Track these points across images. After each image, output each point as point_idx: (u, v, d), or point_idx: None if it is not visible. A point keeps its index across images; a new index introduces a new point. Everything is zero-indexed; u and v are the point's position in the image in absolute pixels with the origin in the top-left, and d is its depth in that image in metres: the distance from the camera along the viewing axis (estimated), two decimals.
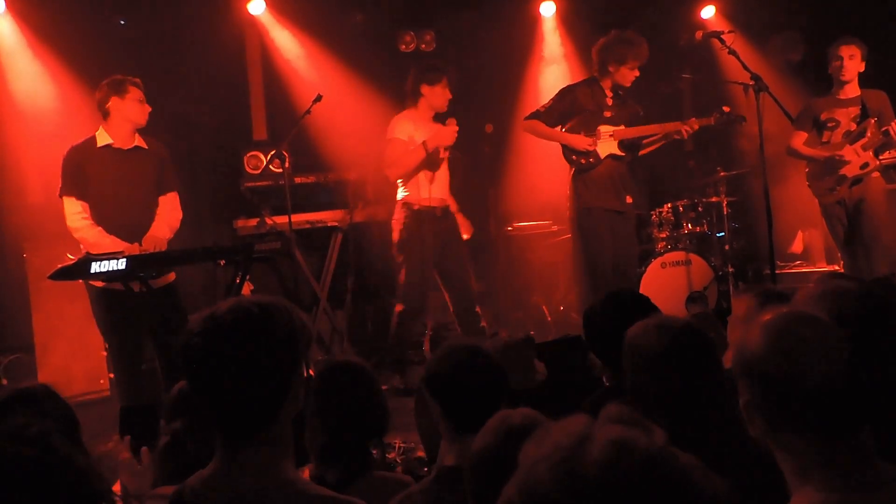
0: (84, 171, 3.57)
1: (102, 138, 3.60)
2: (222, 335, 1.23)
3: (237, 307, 1.26)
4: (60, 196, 3.60)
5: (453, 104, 4.54)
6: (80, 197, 3.56)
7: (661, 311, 2.19)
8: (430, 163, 4.32)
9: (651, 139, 4.50)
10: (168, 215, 3.70)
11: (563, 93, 4.47)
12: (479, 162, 5.95)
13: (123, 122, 3.59)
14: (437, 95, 4.34)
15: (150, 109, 3.64)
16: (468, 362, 1.68)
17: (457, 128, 4.22)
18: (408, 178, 4.35)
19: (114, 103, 3.58)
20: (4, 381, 4.70)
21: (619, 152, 4.39)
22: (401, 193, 4.42)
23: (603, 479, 0.66)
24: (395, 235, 4.40)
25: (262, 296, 1.32)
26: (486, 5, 5.89)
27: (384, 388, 1.94)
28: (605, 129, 4.38)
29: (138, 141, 3.67)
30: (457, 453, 1.58)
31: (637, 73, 4.32)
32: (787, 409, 1.14)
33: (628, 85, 4.35)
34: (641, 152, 4.56)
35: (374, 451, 1.92)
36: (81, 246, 3.61)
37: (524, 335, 2.26)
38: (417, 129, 4.35)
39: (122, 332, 3.53)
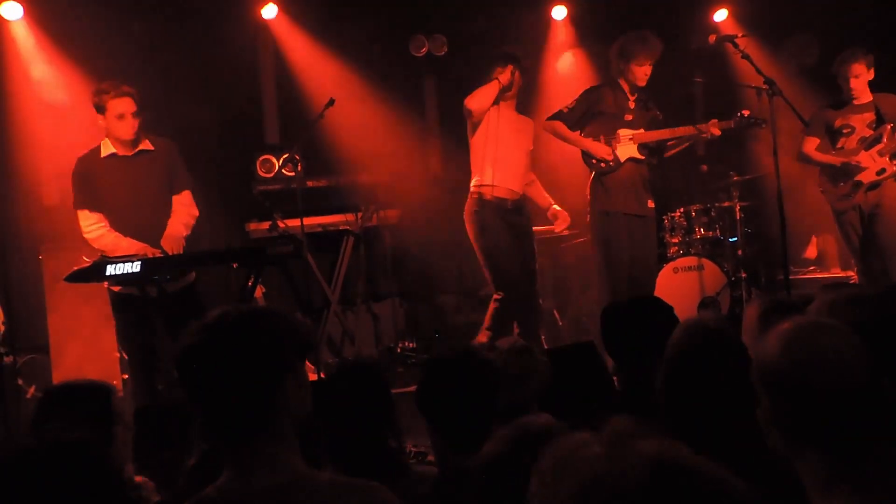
0: (92, 182, 3.57)
1: (106, 147, 3.59)
2: (206, 343, 1.26)
3: (221, 315, 1.28)
4: (74, 209, 3.61)
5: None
6: (93, 208, 3.57)
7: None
8: (503, 155, 4.27)
9: (674, 146, 4.47)
10: (183, 214, 3.69)
11: (587, 94, 4.44)
12: None
13: (113, 138, 3.57)
14: (506, 76, 4.31)
15: (136, 122, 3.51)
16: (454, 384, 1.68)
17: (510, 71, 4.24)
18: (480, 157, 4.31)
19: (100, 121, 3.56)
20: (20, 382, 4.75)
21: (638, 155, 4.36)
22: (473, 183, 4.37)
23: (650, 494, 0.65)
24: (470, 227, 4.34)
25: (252, 304, 1.35)
26: (499, 9, 5.89)
27: None
28: (624, 132, 4.36)
29: (143, 144, 3.63)
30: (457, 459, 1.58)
31: (649, 71, 4.27)
32: (805, 419, 1.11)
33: (642, 84, 4.31)
34: (666, 154, 4.54)
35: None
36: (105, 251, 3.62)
37: (521, 343, 2.25)
38: (495, 113, 4.33)
39: (137, 337, 3.55)
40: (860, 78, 4.40)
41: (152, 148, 3.66)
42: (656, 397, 1.61)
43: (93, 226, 3.56)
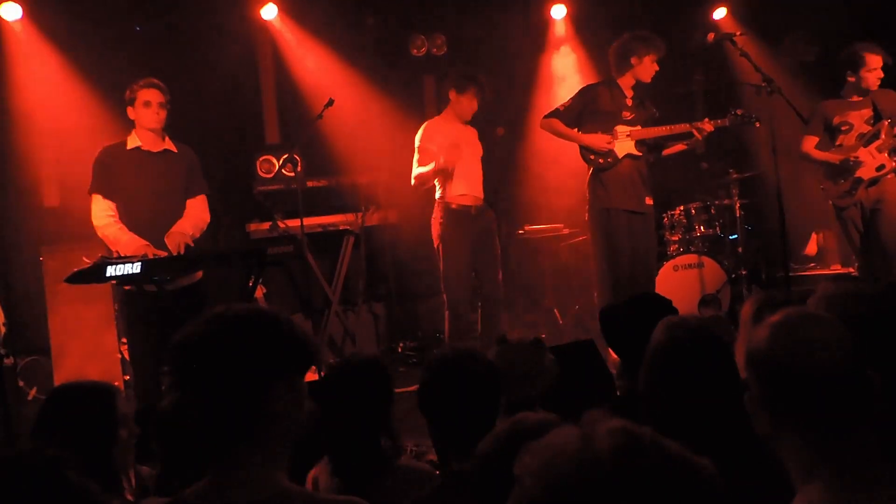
0: (113, 171, 3.64)
1: (132, 141, 3.69)
2: (196, 339, 1.24)
3: (218, 313, 1.26)
4: (89, 193, 3.67)
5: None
6: (107, 196, 3.63)
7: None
8: (461, 166, 4.48)
9: (672, 145, 4.48)
10: (194, 216, 3.75)
11: (583, 92, 4.46)
12: (490, 165, 5.96)
13: (143, 129, 3.66)
14: (461, 104, 4.49)
15: (162, 113, 3.65)
16: (455, 384, 1.68)
17: (455, 158, 4.41)
18: (442, 179, 4.52)
19: (130, 113, 3.67)
20: (21, 383, 4.75)
21: (636, 152, 4.38)
22: (438, 193, 4.57)
23: (616, 463, 0.71)
24: (434, 232, 4.53)
25: (255, 306, 1.33)
26: (497, 8, 5.89)
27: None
28: (622, 129, 4.37)
29: (168, 144, 3.73)
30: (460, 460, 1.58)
31: (657, 68, 4.31)
32: (789, 404, 1.17)
33: (649, 80, 4.33)
34: (664, 153, 4.54)
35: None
36: (106, 243, 3.67)
37: (533, 338, 2.24)
38: (445, 135, 4.50)
39: (144, 335, 3.57)
40: (876, 71, 4.37)
41: (175, 150, 3.76)
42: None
43: (102, 212, 3.62)
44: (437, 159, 4.41)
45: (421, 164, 4.51)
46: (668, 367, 1.54)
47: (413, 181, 4.57)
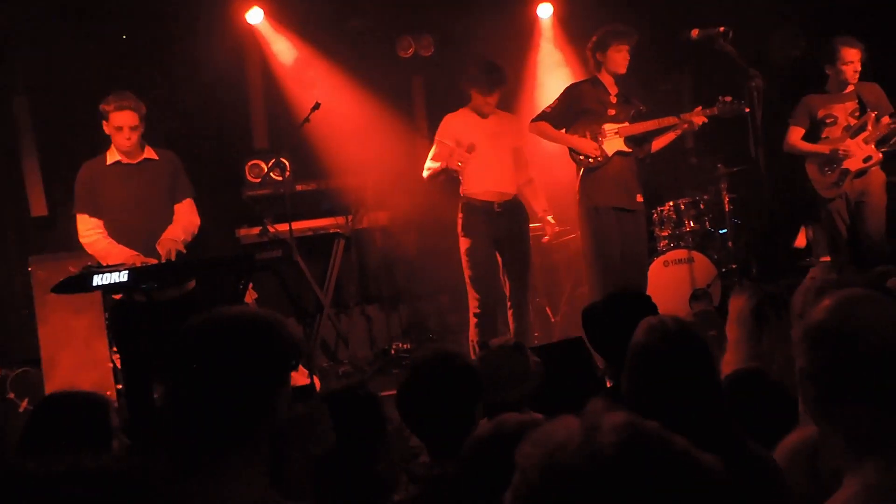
0: (96, 188, 3.63)
1: (112, 155, 3.67)
2: (196, 345, 1.22)
3: (215, 318, 1.25)
4: (75, 213, 3.67)
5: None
6: (93, 214, 3.63)
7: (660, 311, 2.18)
8: (481, 161, 4.35)
9: (662, 135, 4.45)
10: (184, 221, 3.74)
11: (568, 91, 4.46)
12: None
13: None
14: (476, 99, 4.42)
15: (134, 136, 3.58)
16: (432, 387, 1.66)
17: (463, 160, 4.29)
18: (464, 174, 4.43)
19: (105, 128, 3.64)
20: (11, 395, 4.72)
21: (626, 149, 4.37)
22: (462, 189, 4.48)
23: (622, 457, 0.71)
24: (458, 230, 4.44)
25: (246, 308, 1.32)
26: (484, 9, 5.89)
27: None
28: (609, 126, 4.36)
29: (148, 153, 3.71)
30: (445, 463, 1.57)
31: (627, 56, 4.28)
32: (846, 374, 1.14)
33: (623, 71, 4.31)
34: (654, 149, 4.52)
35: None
36: (95, 257, 3.65)
37: (514, 342, 2.24)
38: (466, 128, 4.43)
39: (133, 344, 3.55)
40: (856, 64, 4.39)
41: (156, 157, 3.74)
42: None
43: (90, 230, 3.62)
44: (446, 157, 4.32)
45: (434, 158, 4.44)
46: (649, 369, 1.55)
47: (424, 173, 4.51)
